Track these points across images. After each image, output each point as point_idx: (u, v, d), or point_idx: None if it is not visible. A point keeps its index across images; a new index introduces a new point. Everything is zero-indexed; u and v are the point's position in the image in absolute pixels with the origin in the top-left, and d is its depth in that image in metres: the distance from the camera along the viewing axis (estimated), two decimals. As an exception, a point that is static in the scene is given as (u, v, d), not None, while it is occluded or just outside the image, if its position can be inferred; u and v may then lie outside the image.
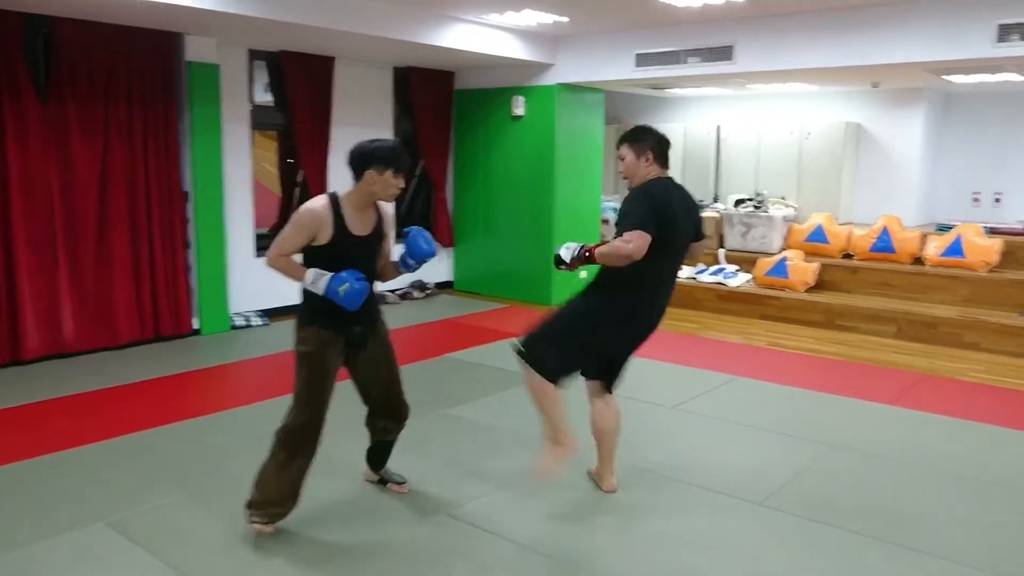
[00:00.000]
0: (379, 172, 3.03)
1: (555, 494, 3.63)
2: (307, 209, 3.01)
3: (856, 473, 3.95)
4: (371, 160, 3.03)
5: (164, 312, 6.26)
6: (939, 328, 6.72)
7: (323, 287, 2.95)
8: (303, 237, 3.01)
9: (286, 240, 3.02)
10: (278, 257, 3.02)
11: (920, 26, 5.86)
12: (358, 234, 3.07)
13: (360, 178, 3.05)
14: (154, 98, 6.06)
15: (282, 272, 3.03)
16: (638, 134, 3.40)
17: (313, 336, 3.07)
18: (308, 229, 2.99)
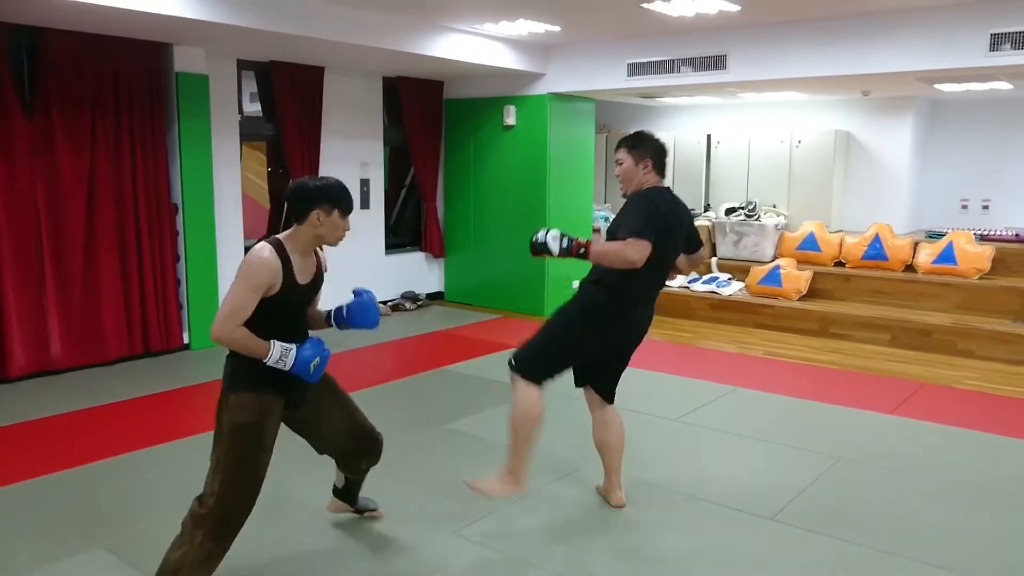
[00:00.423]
0: (326, 213, 2.69)
1: (565, 511, 3.57)
2: (260, 261, 2.59)
3: (864, 485, 3.92)
4: (317, 200, 2.69)
5: (153, 327, 6.15)
6: (933, 336, 6.73)
7: (290, 362, 2.63)
8: (258, 294, 2.59)
9: (239, 303, 2.57)
10: (236, 328, 2.57)
11: (913, 35, 5.88)
12: (302, 282, 2.73)
13: (304, 220, 2.69)
14: (142, 109, 5.95)
15: (239, 347, 2.60)
16: (638, 141, 3.40)
17: (252, 404, 2.66)
18: (264, 285, 2.60)
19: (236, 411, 2.66)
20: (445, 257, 8.89)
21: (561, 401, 4.06)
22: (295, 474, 3.72)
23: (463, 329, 7.51)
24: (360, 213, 8.02)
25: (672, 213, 3.30)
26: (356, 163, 7.92)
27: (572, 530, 3.43)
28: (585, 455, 4.08)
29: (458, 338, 7.18)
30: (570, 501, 3.68)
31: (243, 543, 2.78)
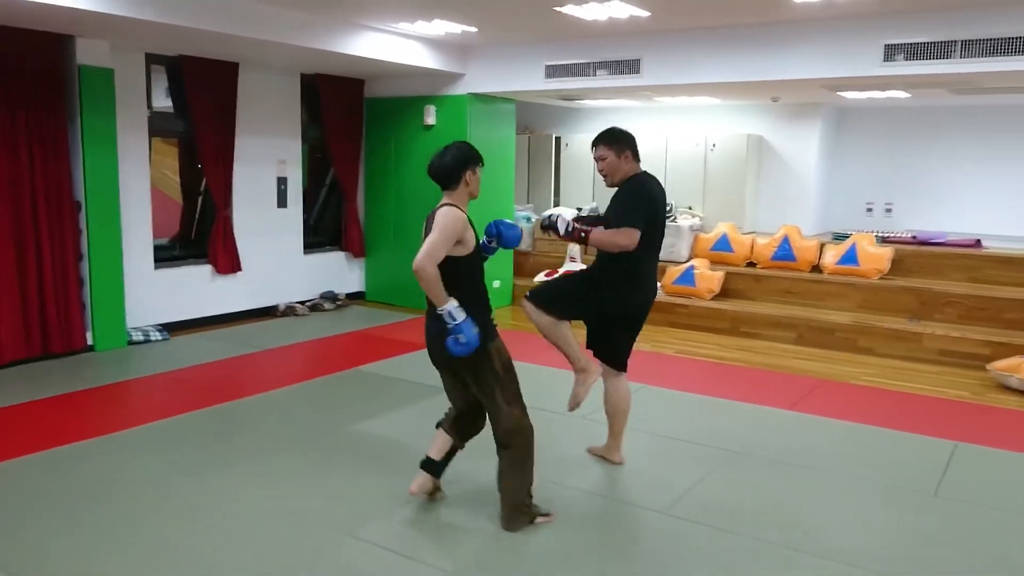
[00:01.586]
0: (474, 171, 3.23)
1: (457, 511, 3.59)
2: (456, 214, 3.10)
3: (756, 479, 4.05)
4: (468, 161, 3.21)
5: (54, 327, 5.94)
6: (836, 334, 7.00)
7: (461, 317, 3.05)
8: (452, 243, 3.06)
9: (436, 248, 3.02)
10: (434, 264, 3.00)
11: (814, 44, 6.11)
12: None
13: (459, 182, 3.18)
14: (42, 103, 5.75)
15: (432, 281, 3.01)
16: (615, 136, 3.78)
17: (502, 345, 3.27)
18: (458, 233, 3.07)
19: (501, 354, 3.26)
20: (366, 257, 8.83)
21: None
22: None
23: (380, 329, 7.48)
24: (277, 212, 7.91)
25: (652, 192, 3.72)
26: (273, 161, 7.80)
27: (466, 529, 3.46)
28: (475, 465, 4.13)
29: (374, 338, 7.14)
30: (463, 501, 3.71)
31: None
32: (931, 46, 5.66)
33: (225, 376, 5.81)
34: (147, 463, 4.07)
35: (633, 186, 3.70)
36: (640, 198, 3.65)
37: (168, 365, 5.94)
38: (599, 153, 3.77)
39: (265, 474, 3.95)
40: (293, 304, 8.00)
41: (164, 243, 7.39)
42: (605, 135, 3.80)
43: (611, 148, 3.74)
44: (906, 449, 4.52)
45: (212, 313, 7.32)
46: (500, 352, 3.26)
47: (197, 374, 5.79)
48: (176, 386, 5.52)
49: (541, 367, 6.13)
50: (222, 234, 7.27)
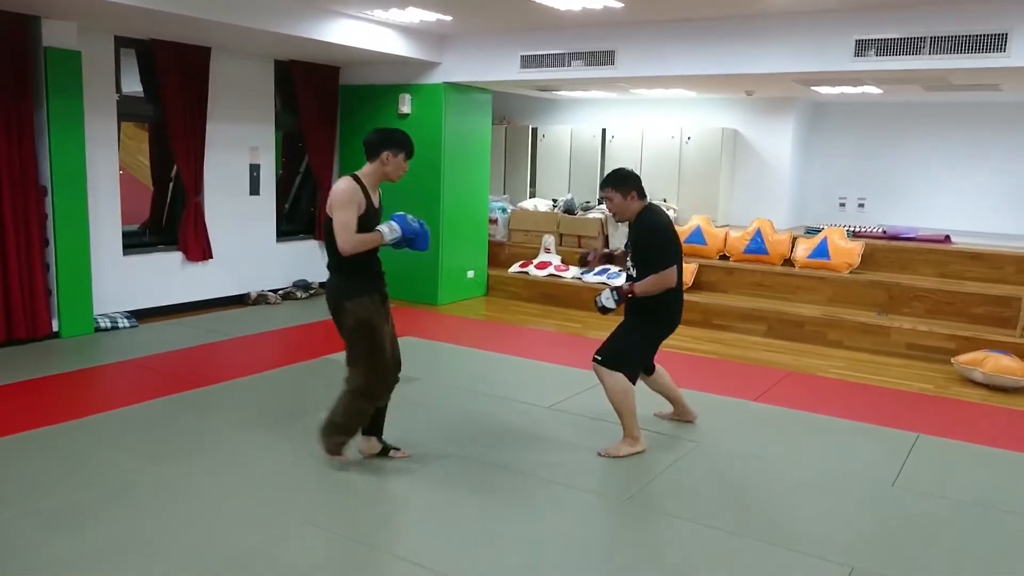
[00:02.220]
0: (393, 154, 3.57)
1: (414, 499, 3.60)
2: (345, 187, 3.49)
3: (718, 469, 4.09)
4: (387, 143, 3.57)
5: (18, 313, 5.86)
6: (806, 327, 7.06)
7: (399, 228, 3.53)
8: (355, 210, 3.46)
9: (348, 219, 3.44)
10: (352, 235, 3.44)
11: (787, 39, 6.14)
12: (376, 206, 3.63)
13: (376, 158, 3.57)
14: (6, 87, 5.65)
15: (363, 245, 3.48)
16: (620, 178, 4.08)
17: (365, 305, 3.58)
18: (355, 202, 3.46)
19: (356, 312, 3.57)
20: (340, 245, 8.77)
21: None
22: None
23: (353, 318, 7.43)
24: (249, 200, 7.85)
25: (671, 226, 4.13)
26: (245, 148, 7.73)
27: (424, 517, 3.46)
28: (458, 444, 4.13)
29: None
30: (427, 489, 3.71)
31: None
32: (901, 42, 5.70)
33: (194, 363, 5.77)
34: (112, 450, 4.03)
35: (650, 225, 4.06)
36: (663, 236, 4.04)
37: (135, 352, 5.89)
38: (606, 194, 4.10)
39: (230, 462, 3.92)
40: (265, 292, 7.95)
41: (134, 229, 7.31)
42: (611, 178, 4.10)
43: (617, 190, 4.06)
44: (868, 441, 4.57)
45: (182, 300, 7.26)
46: (356, 311, 3.57)
47: (165, 361, 5.74)
48: (143, 373, 5.47)
49: (527, 360, 6.15)
50: (193, 221, 7.20)
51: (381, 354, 3.65)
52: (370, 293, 3.62)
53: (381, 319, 3.65)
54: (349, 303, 3.57)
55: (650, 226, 4.07)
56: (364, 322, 3.58)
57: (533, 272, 8.63)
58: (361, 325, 3.58)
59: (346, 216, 3.43)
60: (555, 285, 8.39)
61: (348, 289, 3.59)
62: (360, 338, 3.61)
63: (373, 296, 3.63)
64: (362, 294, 3.59)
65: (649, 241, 4.05)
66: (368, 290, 3.62)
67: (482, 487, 3.75)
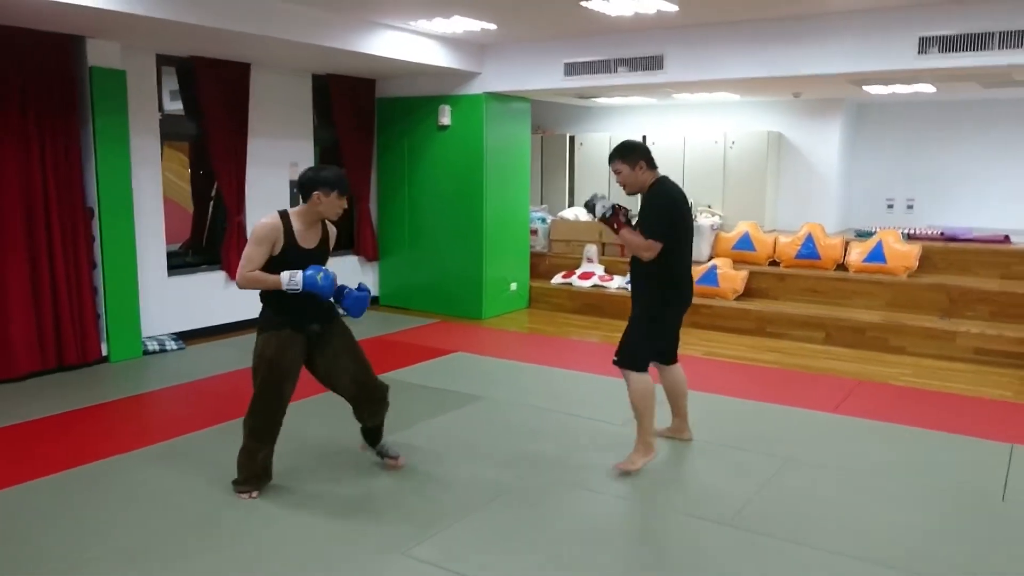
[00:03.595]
0: (325, 193, 3.43)
1: (509, 526, 3.43)
2: (262, 223, 3.38)
3: (813, 487, 3.90)
4: (317, 183, 3.42)
5: (69, 339, 5.75)
6: (866, 333, 6.85)
7: (300, 281, 3.30)
8: (265, 248, 3.35)
9: (251, 255, 3.35)
10: (248, 273, 3.34)
11: (844, 38, 5.96)
12: (305, 247, 3.45)
13: (308, 199, 3.44)
14: (53, 106, 5.56)
15: (256, 284, 3.37)
16: (627, 149, 3.96)
17: (271, 339, 3.45)
18: (268, 240, 3.35)
19: (262, 347, 3.47)
20: (379, 260, 8.66)
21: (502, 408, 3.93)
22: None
23: (399, 335, 7.30)
24: (290, 216, 7.71)
25: (676, 198, 3.94)
26: (285, 163, 7.62)
27: (523, 539, 3.29)
28: (520, 474, 3.98)
29: (394, 344, 6.97)
30: (512, 515, 3.54)
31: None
32: (967, 38, 5.52)
33: (246, 387, 5.61)
34: (182, 480, 3.88)
35: (652, 196, 3.92)
36: (661, 208, 3.87)
37: (186, 376, 5.76)
38: (614, 167, 3.98)
39: (299, 492, 3.76)
40: (308, 310, 7.81)
41: (176, 249, 7.21)
42: (618, 150, 3.99)
43: (624, 162, 3.93)
44: (960, 452, 4.37)
45: (226, 321, 7.13)
46: (261, 345, 3.49)
47: (216, 385, 5.61)
48: (198, 398, 5.34)
49: (584, 374, 5.99)
50: (236, 240, 7.08)
51: (272, 397, 3.51)
52: (280, 328, 3.46)
53: (288, 359, 3.49)
54: (259, 336, 3.50)
55: (652, 198, 3.91)
56: (264, 360, 3.46)
57: (577, 283, 8.46)
58: (259, 361, 3.48)
59: (252, 251, 3.36)
60: (600, 295, 8.22)
61: (260, 321, 3.52)
62: (255, 374, 3.51)
63: (283, 332, 3.46)
64: (272, 328, 3.47)
65: (647, 209, 3.90)
66: (280, 324, 3.47)
67: (565, 509, 3.58)
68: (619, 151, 3.98)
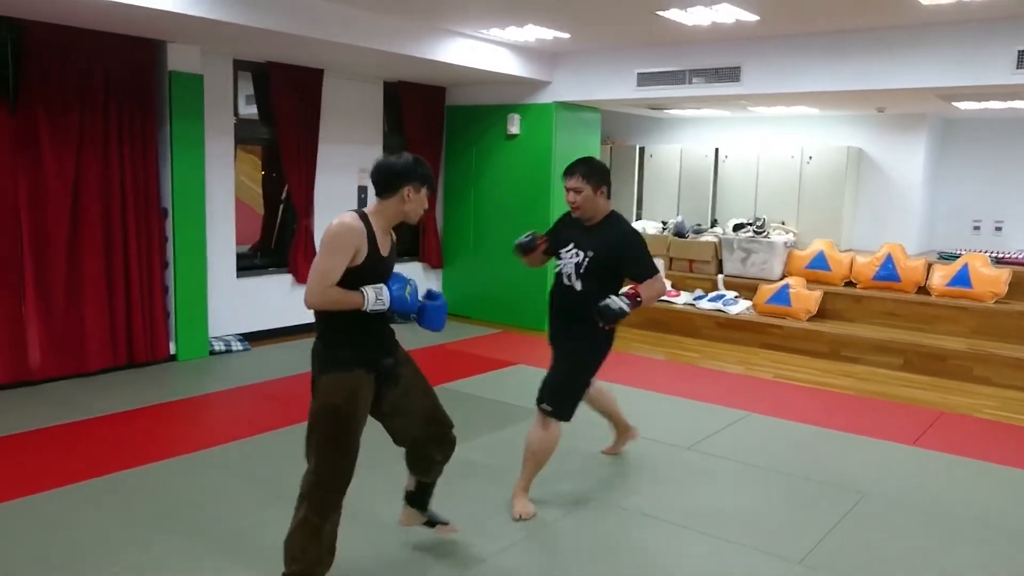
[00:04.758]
0: (416, 190, 2.78)
1: (571, 545, 3.31)
2: (343, 226, 2.63)
3: (893, 525, 3.67)
4: (410, 176, 2.76)
5: (139, 337, 5.86)
6: (948, 361, 6.50)
7: (387, 299, 2.68)
8: (345, 258, 2.62)
9: (329, 267, 2.61)
10: (326, 289, 2.60)
11: (935, 51, 5.68)
12: (384, 255, 2.78)
13: (394, 194, 2.75)
14: (132, 109, 5.69)
15: (335, 303, 2.63)
16: (595, 170, 3.53)
17: (341, 383, 2.69)
18: (350, 247, 2.62)
19: (328, 392, 2.70)
20: (443, 268, 8.64)
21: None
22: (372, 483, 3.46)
23: (462, 344, 7.25)
24: (357, 221, 7.75)
25: None
26: (354, 169, 7.66)
27: (576, 571, 3.17)
28: (580, 499, 3.85)
29: (457, 353, 6.91)
30: (571, 538, 3.42)
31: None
32: (1071, 52, 5.19)
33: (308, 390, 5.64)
34: (243, 483, 3.89)
35: (629, 230, 3.59)
36: (643, 243, 3.59)
37: (251, 377, 5.81)
38: (574, 184, 3.50)
39: (368, 504, 3.71)
40: (371, 315, 7.83)
41: (245, 251, 7.31)
42: (583, 166, 3.54)
43: (588, 182, 3.49)
44: (1055, 496, 4.07)
45: (292, 323, 7.18)
46: (332, 390, 2.69)
47: (280, 387, 5.64)
48: (261, 400, 5.37)
49: (650, 392, 5.83)
50: (303, 243, 7.14)
51: (342, 456, 2.72)
52: (351, 367, 2.71)
53: (362, 408, 2.76)
54: (320, 378, 2.72)
55: (629, 232, 3.57)
56: (332, 410, 2.69)
57: (642, 297, 8.28)
58: (325, 412, 2.70)
59: (329, 262, 2.61)
60: (666, 311, 8.02)
61: (320, 359, 2.74)
62: (316, 429, 2.72)
63: (355, 371, 2.72)
64: (338, 368, 2.70)
65: (629, 248, 3.52)
66: (348, 362, 2.71)
67: (624, 537, 3.44)
68: (588, 169, 3.53)
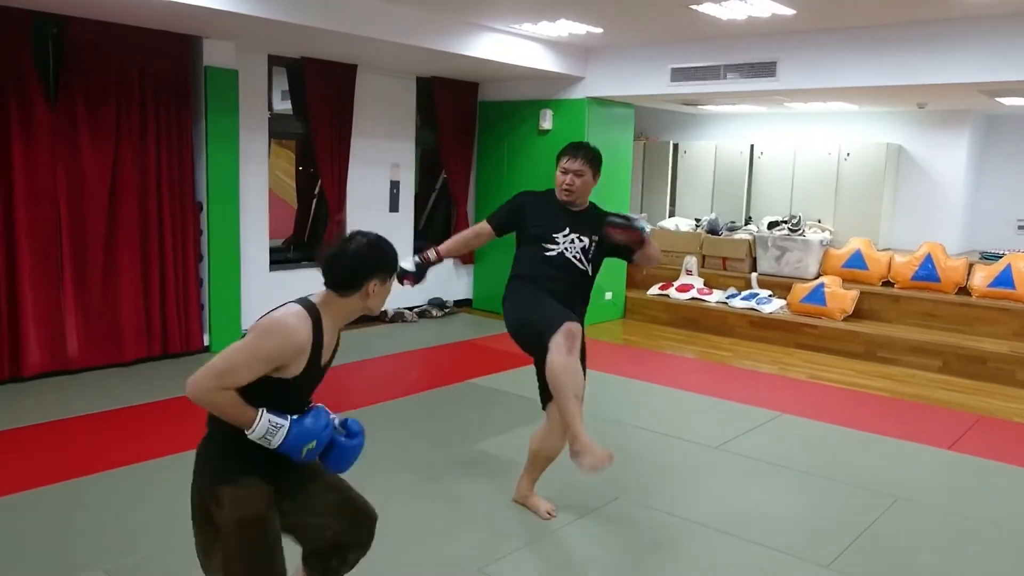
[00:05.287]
0: (382, 281, 2.24)
1: (591, 549, 3.29)
2: (282, 334, 2.09)
3: (926, 531, 3.59)
4: (378, 268, 2.23)
5: (173, 328, 5.95)
6: (989, 364, 6.34)
7: (277, 441, 2.09)
8: (263, 368, 2.07)
9: (234, 369, 2.06)
10: (220, 391, 2.05)
11: (978, 44, 5.53)
12: (323, 363, 2.24)
13: (357, 290, 2.21)
14: (169, 104, 5.77)
15: (219, 412, 2.09)
16: (596, 156, 3.49)
17: (256, 493, 2.17)
18: (274, 361, 2.08)
19: (240, 504, 2.13)
20: (474, 264, 8.64)
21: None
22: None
23: (491, 340, 7.24)
24: (389, 216, 7.80)
25: None
26: (387, 164, 7.70)
27: (602, 572, 3.15)
28: (607, 495, 3.82)
29: (486, 349, 6.91)
30: (598, 538, 3.40)
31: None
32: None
33: (338, 386, 5.65)
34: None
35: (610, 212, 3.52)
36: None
37: (282, 370, 5.86)
38: (578, 167, 3.41)
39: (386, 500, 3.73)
40: (402, 310, 7.88)
41: (278, 245, 7.39)
42: (587, 150, 3.46)
43: (591, 167, 3.44)
44: (1099, 505, 3.95)
45: (323, 317, 7.24)
46: (231, 506, 2.13)
47: (310, 380, 5.68)
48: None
49: (679, 391, 5.78)
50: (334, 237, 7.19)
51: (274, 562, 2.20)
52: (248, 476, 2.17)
53: (271, 518, 2.21)
54: (208, 490, 2.17)
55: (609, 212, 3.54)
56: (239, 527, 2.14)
57: (674, 295, 8.21)
58: (231, 534, 2.14)
59: (238, 363, 2.06)
60: (698, 309, 7.94)
61: (206, 468, 2.21)
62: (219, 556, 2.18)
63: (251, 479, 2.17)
64: (230, 478, 2.16)
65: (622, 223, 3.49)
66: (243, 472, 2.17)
67: (649, 535, 3.41)
68: (591, 154, 3.46)
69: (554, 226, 3.46)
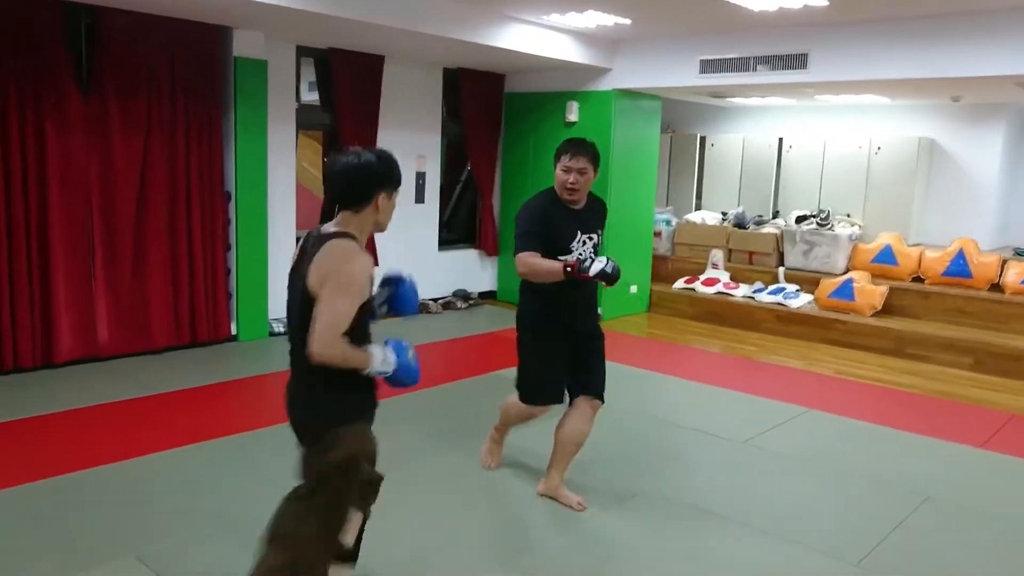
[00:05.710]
0: (389, 195, 2.34)
1: (615, 542, 3.28)
2: (361, 258, 2.24)
3: (957, 530, 3.54)
4: (385, 180, 2.32)
5: (202, 317, 6.01)
6: (1022, 362, 6.24)
7: (394, 362, 2.32)
8: (363, 295, 2.24)
9: (347, 312, 2.19)
10: (341, 341, 2.18)
11: (1016, 35, 5.41)
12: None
13: (368, 204, 2.30)
14: (199, 94, 5.81)
15: (344, 362, 2.22)
16: (597, 154, 3.43)
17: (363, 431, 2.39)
18: (368, 286, 2.26)
19: (355, 442, 2.32)
20: (499, 256, 8.64)
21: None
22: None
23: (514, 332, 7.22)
24: (415, 208, 7.82)
25: None
26: (413, 156, 7.71)
27: (627, 565, 3.14)
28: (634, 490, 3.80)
29: (509, 341, 6.82)
30: (622, 532, 3.38)
31: None
32: None
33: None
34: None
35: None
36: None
37: (308, 359, 5.90)
38: (582, 165, 3.34)
39: (414, 491, 3.75)
40: (426, 301, 7.89)
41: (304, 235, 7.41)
42: (589, 148, 3.39)
43: (593, 164, 3.38)
44: None
45: (348, 307, 7.28)
46: (357, 439, 2.34)
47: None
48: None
49: (706, 386, 5.75)
50: (361, 228, 7.21)
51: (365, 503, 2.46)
52: (369, 413, 2.42)
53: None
54: (339, 428, 2.31)
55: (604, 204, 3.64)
56: (362, 458, 2.37)
57: (700, 289, 8.15)
58: (354, 463, 2.34)
59: (348, 305, 2.19)
60: (724, 303, 7.88)
61: (334, 406, 2.33)
62: (334, 480, 2.33)
63: (369, 417, 2.43)
64: (359, 416, 2.38)
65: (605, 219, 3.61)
66: (368, 408, 2.42)
67: (676, 532, 3.39)
68: (594, 152, 3.39)
69: (566, 235, 3.42)
